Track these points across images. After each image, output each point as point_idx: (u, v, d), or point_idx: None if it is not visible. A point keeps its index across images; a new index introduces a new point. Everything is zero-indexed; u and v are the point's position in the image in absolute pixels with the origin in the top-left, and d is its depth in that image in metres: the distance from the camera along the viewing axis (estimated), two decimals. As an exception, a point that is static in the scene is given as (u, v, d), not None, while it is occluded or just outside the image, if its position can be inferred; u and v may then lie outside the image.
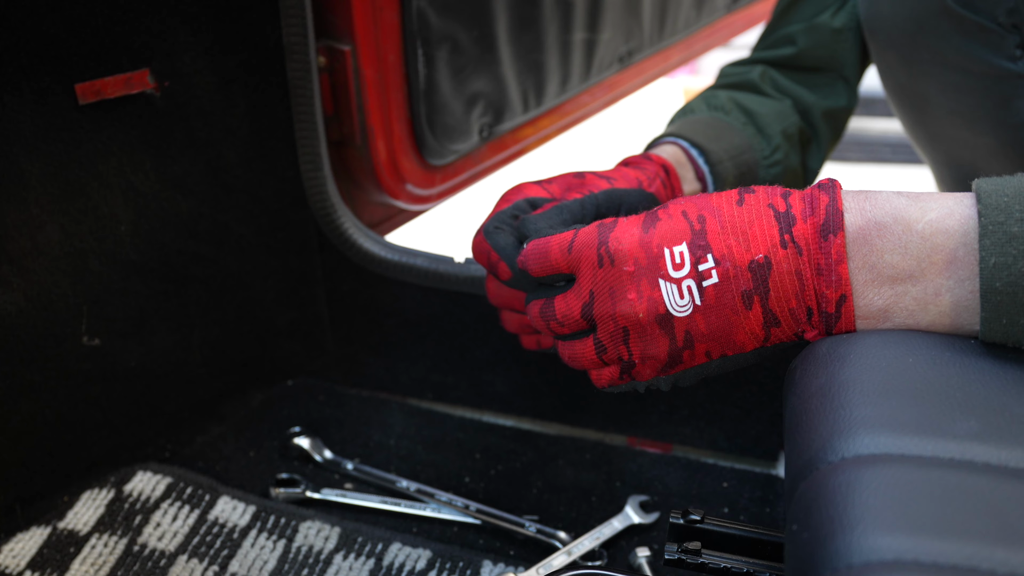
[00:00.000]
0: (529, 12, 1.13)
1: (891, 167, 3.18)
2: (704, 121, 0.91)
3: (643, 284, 0.54)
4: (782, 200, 0.52)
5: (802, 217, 0.51)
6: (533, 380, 0.97)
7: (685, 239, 0.53)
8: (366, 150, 1.00)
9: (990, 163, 0.90)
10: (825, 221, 0.50)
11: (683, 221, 0.54)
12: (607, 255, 0.55)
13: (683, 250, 0.53)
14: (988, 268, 0.46)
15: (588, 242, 0.57)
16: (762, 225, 0.51)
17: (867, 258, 0.50)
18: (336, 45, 0.95)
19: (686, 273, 0.52)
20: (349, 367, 1.05)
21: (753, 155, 0.90)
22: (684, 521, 0.60)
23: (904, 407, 0.45)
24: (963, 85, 0.84)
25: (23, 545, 0.77)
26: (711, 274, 0.52)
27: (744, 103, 0.95)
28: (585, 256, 0.57)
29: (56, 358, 0.82)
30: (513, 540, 0.81)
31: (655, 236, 0.54)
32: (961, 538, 0.36)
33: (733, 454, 0.94)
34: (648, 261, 0.54)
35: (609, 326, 0.57)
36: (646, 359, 0.57)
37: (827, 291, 0.50)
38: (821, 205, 0.50)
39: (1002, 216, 0.46)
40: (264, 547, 0.79)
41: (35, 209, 0.77)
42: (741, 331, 0.53)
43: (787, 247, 0.50)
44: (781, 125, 0.94)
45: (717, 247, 0.52)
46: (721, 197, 0.54)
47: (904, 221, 0.49)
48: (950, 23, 0.80)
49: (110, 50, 0.78)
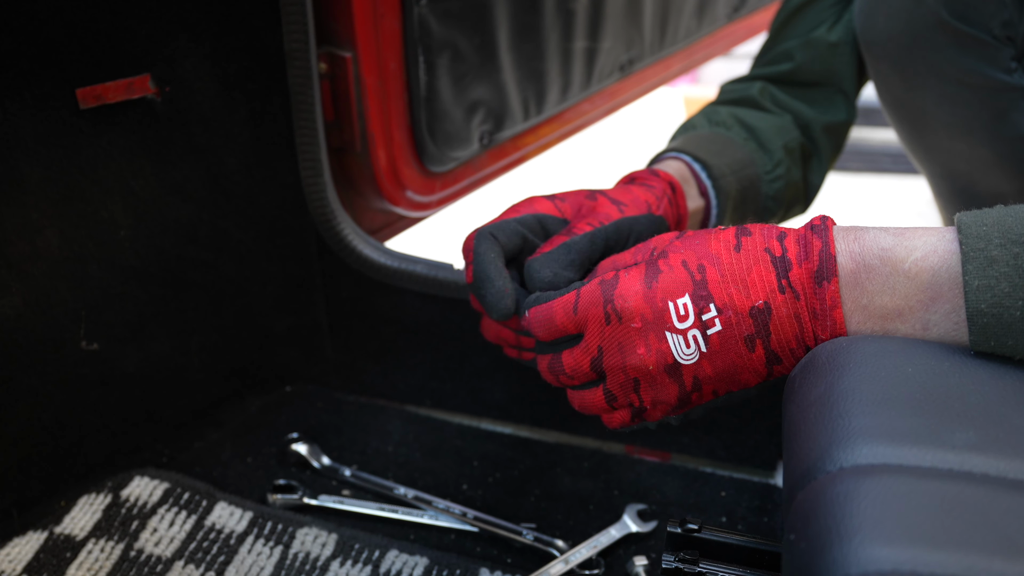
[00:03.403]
0: (530, 20, 1.13)
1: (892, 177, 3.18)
2: (706, 136, 0.91)
3: (651, 338, 0.56)
4: (778, 244, 0.54)
5: (797, 262, 0.53)
6: (531, 388, 0.97)
7: (687, 291, 0.55)
8: (366, 157, 1.01)
9: (986, 175, 0.90)
10: (819, 268, 0.52)
11: (684, 272, 0.56)
12: (614, 313, 0.57)
13: (686, 302, 0.55)
14: (972, 290, 0.48)
15: (593, 301, 0.58)
16: (760, 271, 0.54)
17: (858, 300, 0.52)
18: (337, 52, 0.95)
19: (691, 324, 0.55)
20: (348, 374, 1.05)
21: (755, 170, 0.90)
22: (682, 530, 0.60)
23: (903, 417, 0.45)
24: (958, 98, 0.84)
25: (19, 550, 0.77)
26: (715, 323, 0.54)
27: (745, 119, 0.95)
28: (592, 315, 0.58)
29: (54, 363, 0.82)
30: (510, 548, 0.81)
31: (658, 291, 0.56)
32: (959, 549, 0.36)
33: (731, 463, 0.93)
34: (654, 316, 0.56)
35: (619, 377, 0.59)
36: (657, 404, 0.59)
37: (822, 334, 0.53)
38: (815, 251, 0.53)
39: (982, 243, 0.48)
40: (261, 553, 0.78)
41: (35, 213, 0.77)
42: (746, 371, 0.56)
43: (785, 292, 0.53)
44: (782, 140, 0.95)
45: (719, 296, 0.54)
46: (719, 242, 0.56)
47: (891, 262, 0.51)
48: (945, 36, 0.81)
49: (111, 55, 0.78)
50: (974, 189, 0.94)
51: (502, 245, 0.69)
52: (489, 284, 0.67)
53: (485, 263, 0.68)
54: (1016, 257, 0.47)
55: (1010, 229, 0.48)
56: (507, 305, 0.67)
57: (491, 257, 0.68)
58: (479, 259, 0.68)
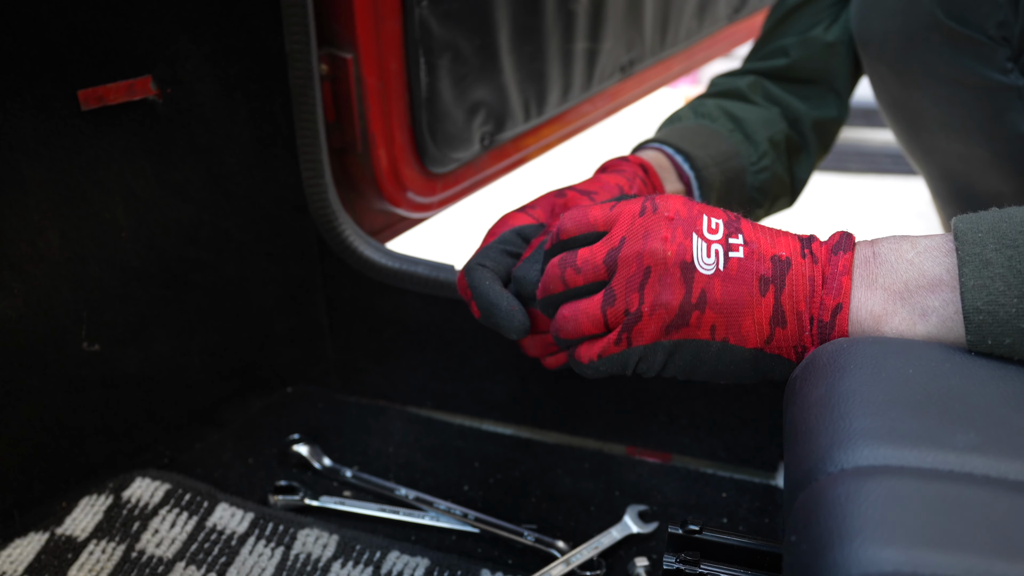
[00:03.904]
0: (531, 22, 1.13)
1: (892, 178, 3.18)
2: (690, 128, 0.91)
3: (678, 231, 0.57)
4: (803, 235, 0.59)
5: (818, 242, 0.58)
6: (532, 389, 0.97)
7: (723, 217, 0.59)
8: (367, 158, 1.01)
9: (984, 175, 0.90)
10: (837, 242, 0.57)
11: (721, 210, 0.60)
12: (651, 206, 0.59)
13: (719, 221, 0.58)
14: (968, 289, 0.50)
15: (632, 203, 0.60)
16: (786, 237, 0.59)
17: (865, 276, 0.55)
18: (338, 53, 0.95)
19: (718, 238, 0.57)
20: (348, 374, 1.05)
21: (740, 161, 0.90)
22: (683, 531, 0.60)
23: (904, 418, 0.45)
24: (955, 98, 0.84)
25: (21, 551, 0.77)
26: (738, 248, 0.57)
27: (731, 110, 0.95)
28: (628, 210, 0.60)
29: (56, 363, 0.82)
30: (511, 549, 0.81)
31: (696, 204, 0.60)
32: (960, 551, 0.36)
33: (732, 464, 0.93)
34: (688, 215, 0.58)
35: (632, 267, 0.58)
36: (656, 308, 0.57)
37: (827, 299, 0.55)
38: (836, 236, 0.58)
39: (978, 248, 0.51)
40: (262, 554, 0.78)
41: (36, 215, 0.77)
42: (749, 317, 0.56)
43: (806, 257, 0.57)
44: (768, 132, 0.94)
45: (748, 233, 0.58)
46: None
47: (898, 252, 0.55)
48: (941, 36, 0.81)
49: (113, 57, 0.78)
50: (972, 189, 0.94)
51: (492, 270, 0.69)
52: (496, 309, 0.67)
53: (484, 292, 0.68)
54: (1011, 259, 0.49)
55: (1005, 234, 0.50)
56: (521, 320, 0.67)
57: (486, 285, 0.68)
58: (477, 291, 0.68)
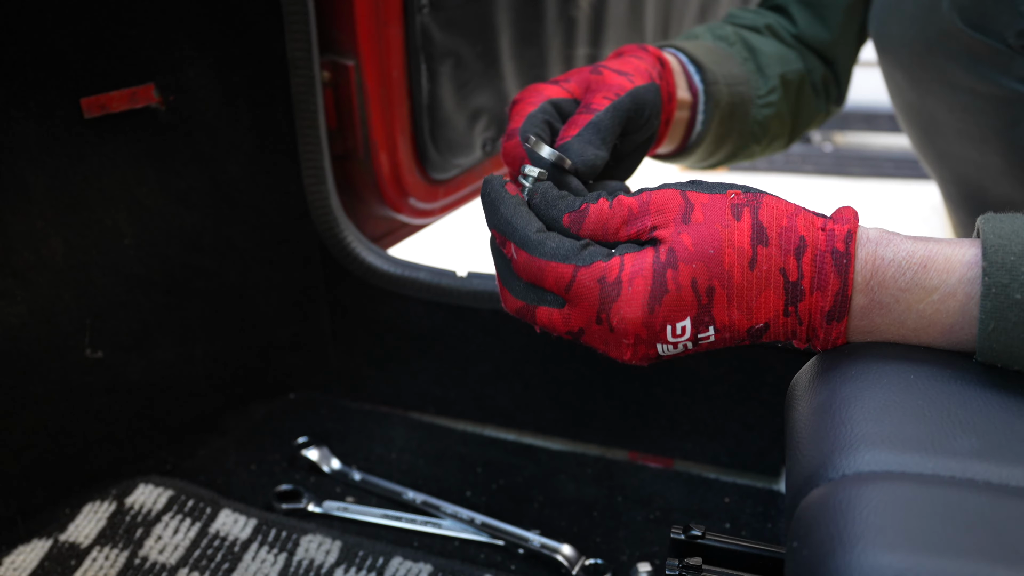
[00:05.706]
0: (532, 28, 1.13)
1: (894, 182, 3.18)
2: (706, 46, 0.88)
3: (639, 348, 0.54)
4: (794, 262, 0.51)
5: (809, 290, 0.51)
6: (535, 394, 0.97)
7: (690, 315, 0.52)
8: (369, 164, 1.01)
9: (998, 183, 0.90)
10: (832, 309, 0.51)
11: (691, 294, 0.52)
12: (607, 321, 0.54)
13: (686, 324, 0.53)
14: (986, 332, 0.47)
15: (588, 295, 0.54)
16: (769, 296, 0.52)
17: (863, 328, 0.52)
18: (340, 60, 0.96)
19: (685, 339, 0.53)
20: (351, 380, 1.05)
21: (749, 89, 0.87)
22: (685, 537, 0.60)
23: (905, 424, 0.45)
24: (971, 106, 0.84)
25: (24, 558, 0.77)
26: (709, 338, 0.53)
27: (749, 40, 0.92)
28: (583, 306, 0.55)
29: (59, 371, 0.83)
30: (514, 555, 0.81)
31: (660, 315, 0.53)
32: (961, 556, 0.36)
33: (735, 469, 0.93)
34: (649, 336, 0.53)
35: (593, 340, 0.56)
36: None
37: (818, 348, 0.54)
38: (830, 290, 0.50)
39: (1007, 278, 0.46)
40: (265, 560, 0.78)
41: (39, 222, 0.77)
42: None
43: (789, 316, 0.52)
44: (782, 69, 0.92)
45: (720, 319, 0.52)
46: (734, 251, 0.52)
47: (906, 302, 0.50)
48: (959, 44, 0.80)
49: (115, 65, 0.78)
50: (984, 196, 0.94)
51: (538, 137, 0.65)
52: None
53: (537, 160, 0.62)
54: None
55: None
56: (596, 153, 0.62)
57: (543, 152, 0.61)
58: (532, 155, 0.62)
